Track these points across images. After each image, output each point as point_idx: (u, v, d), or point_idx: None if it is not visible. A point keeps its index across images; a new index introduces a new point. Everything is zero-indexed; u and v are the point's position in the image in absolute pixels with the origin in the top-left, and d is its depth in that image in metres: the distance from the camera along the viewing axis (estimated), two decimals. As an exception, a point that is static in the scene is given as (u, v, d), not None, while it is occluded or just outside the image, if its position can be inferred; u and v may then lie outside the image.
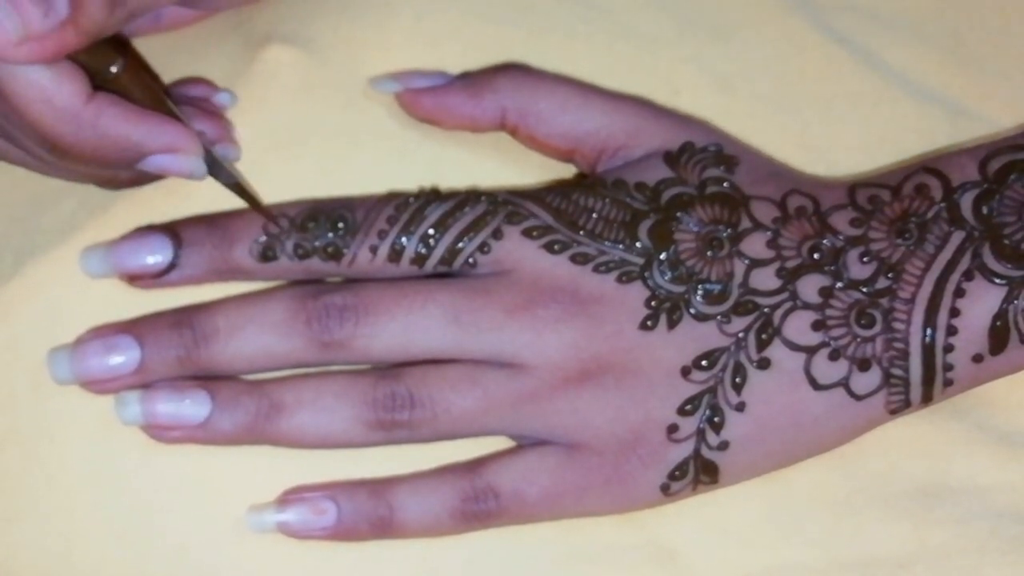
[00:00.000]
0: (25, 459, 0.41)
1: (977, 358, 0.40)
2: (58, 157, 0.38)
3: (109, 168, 0.39)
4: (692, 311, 0.40)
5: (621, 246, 0.40)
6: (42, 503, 0.41)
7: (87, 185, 0.41)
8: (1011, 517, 0.42)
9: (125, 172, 0.40)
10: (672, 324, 0.40)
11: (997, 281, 0.39)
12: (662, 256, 0.40)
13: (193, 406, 0.40)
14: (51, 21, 0.34)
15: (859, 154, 0.44)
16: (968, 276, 0.39)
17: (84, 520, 0.41)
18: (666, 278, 0.40)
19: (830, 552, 0.42)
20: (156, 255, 0.40)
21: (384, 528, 0.40)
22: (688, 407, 0.40)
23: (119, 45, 0.38)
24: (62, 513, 0.41)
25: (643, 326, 0.40)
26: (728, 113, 0.44)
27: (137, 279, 0.41)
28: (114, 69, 0.38)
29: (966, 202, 0.40)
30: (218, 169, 0.40)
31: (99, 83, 0.37)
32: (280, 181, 0.42)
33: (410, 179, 0.42)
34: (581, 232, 0.40)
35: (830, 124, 0.45)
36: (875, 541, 0.42)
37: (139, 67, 0.40)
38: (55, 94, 0.36)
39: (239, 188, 0.41)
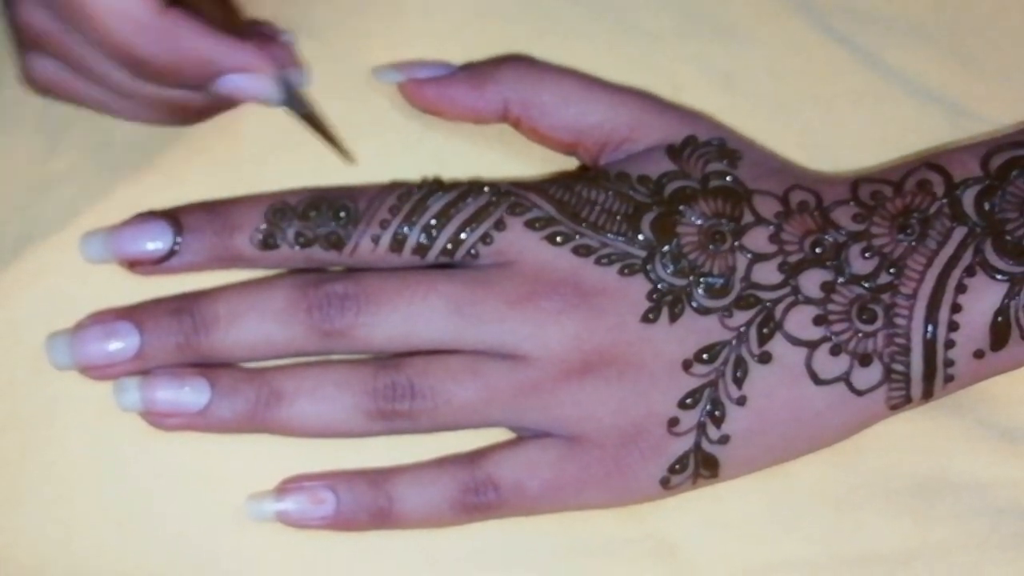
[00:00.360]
0: (24, 445, 0.41)
1: (978, 354, 0.40)
2: (134, 74, 0.38)
3: (183, 87, 0.39)
4: (694, 304, 0.40)
5: (623, 239, 0.40)
6: (41, 489, 0.41)
7: (88, 170, 0.41)
8: (1012, 513, 0.42)
9: (196, 101, 0.40)
10: (674, 317, 0.40)
11: (999, 277, 0.39)
12: (664, 249, 0.40)
13: (192, 393, 0.40)
14: None
15: (860, 153, 0.44)
16: (970, 272, 0.39)
17: (83, 506, 0.41)
18: (668, 271, 0.40)
19: (830, 548, 0.42)
20: (156, 241, 0.40)
21: (383, 518, 0.40)
22: (689, 400, 0.40)
23: None
24: (61, 499, 0.41)
25: (645, 319, 0.40)
26: (730, 111, 0.44)
27: (137, 265, 0.41)
28: None
29: (968, 198, 0.40)
30: (294, 100, 0.40)
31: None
32: (282, 170, 0.42)
33: (413, 169, 0.42)
34: (584, 224, 0.40)
35: (831, 124, 0.45)
36: (876, 537, 0.42)
37: None
38: (130, 4, 0.36)
39: (312, 118, 0.41)
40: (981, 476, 0.42)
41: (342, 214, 0.40)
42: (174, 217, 0.41)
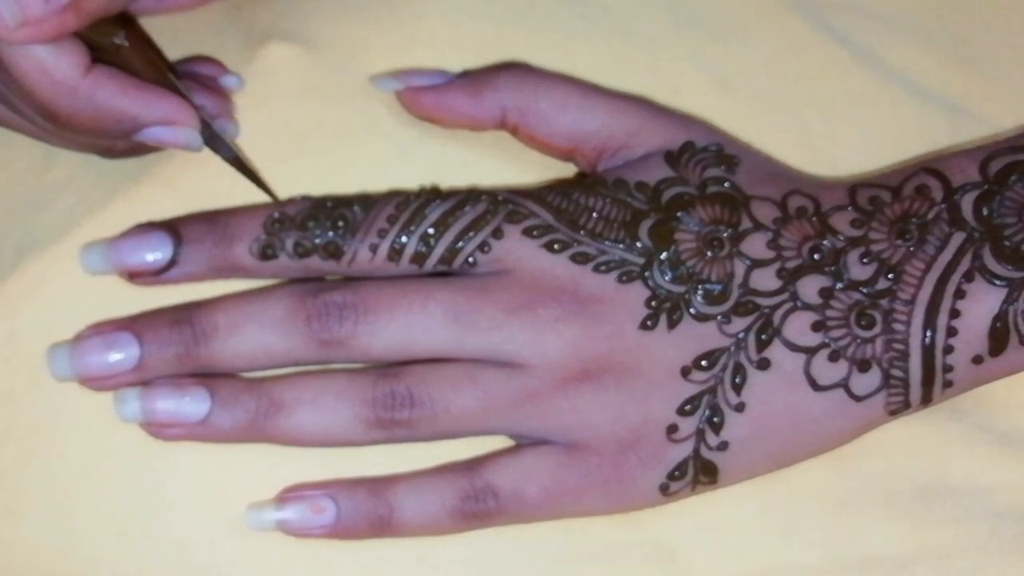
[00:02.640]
0: (24, 455, 0.41)
1: (977, 359, 0.40)
2: (56, 127, 0.38)
3: (106, 138, 0.40)
4: (692, 311, 0.40)
5: (622, 246, 0.40)
6: (41, 500, 0.41)
7: (87, 181, 0.41)
8: (1011, 517, 0.42)
9: (122, 142, 0.40)
10: (672, 324, 0.40)
11: (997, 283, 0.39)
12: (663, 256, 0.40)
13: (193, 403, 0.40)
14: (51, 7, 0.35)
15: (859, 154, 0.44)
16: (968, 277, 0.39)
17: (83, 517, 0.41)
18: (666, 278, 0.40)
19: (829, 552, 0.42)
20: (156, 252, 0.40)
21: (383, 527, 0.40)
22: (688, 407, 0.40)
23: (122, 18, 0.39)
24: (61, 510, 0.41)
25: (643, 326, 0.40)
26: (728, 113, 0.44)
27: (137, 276, 0.41)
28: (116, 42, 0.38)
29: (966, 203, 0.40)
30: (218, 143, 0.41)
31: (100, 55, 0.38)
32: (280, 179, 0.42)
33: (410, 178, 0.42)
34: (582, 231, 0.40)
35: (830, 124, 0.45)
36: (875, 541, 0.42)
37: (141, 40, 0.40)
38: (53, 67, 0.36)
39: (238, 162, 0.41)
40: (980, 480, 0.42)
41: (340, 224, 0.40)
42: (173, 228, 0.41)
